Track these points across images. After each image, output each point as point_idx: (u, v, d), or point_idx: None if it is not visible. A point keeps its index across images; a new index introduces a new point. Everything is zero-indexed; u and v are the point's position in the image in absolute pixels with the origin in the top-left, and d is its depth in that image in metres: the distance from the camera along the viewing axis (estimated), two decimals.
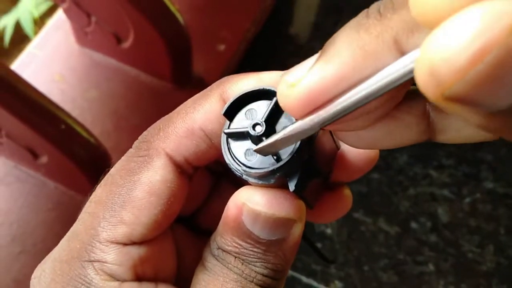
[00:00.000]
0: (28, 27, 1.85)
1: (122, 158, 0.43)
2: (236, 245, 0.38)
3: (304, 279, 1.46)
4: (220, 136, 0.39)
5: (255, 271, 0.38)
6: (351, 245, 1.51)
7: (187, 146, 0.41)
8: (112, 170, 0.42)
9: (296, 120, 0.32)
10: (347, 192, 0.49)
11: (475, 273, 1.49)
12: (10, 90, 1.07)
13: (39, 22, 1.92)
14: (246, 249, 0.38)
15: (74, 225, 0.42)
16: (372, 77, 0.28)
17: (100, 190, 0.42)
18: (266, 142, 0.35)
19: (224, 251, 0.39)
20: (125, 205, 0.40)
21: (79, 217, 0.42)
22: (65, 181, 1.34)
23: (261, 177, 0.37)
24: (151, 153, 0.41)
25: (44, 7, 1.89)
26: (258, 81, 0.40)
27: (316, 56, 0.30)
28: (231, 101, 0.38)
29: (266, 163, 0.37)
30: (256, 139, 0.36)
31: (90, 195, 0.43)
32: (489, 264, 1.50)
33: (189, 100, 0.43)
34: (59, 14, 1.61)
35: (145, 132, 0.43)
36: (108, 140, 1.38)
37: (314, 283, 1.46)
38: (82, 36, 1.51)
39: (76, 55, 1.55)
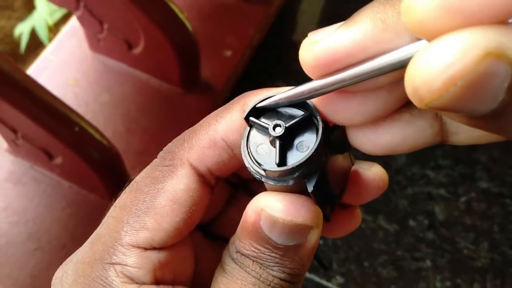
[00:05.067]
0: (43, 34, 1.85)
1: (147, 167, 0.42)
2: (254, 249, 0.38)
3: (307, 274, 1.46)
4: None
5: (273, 275, 0.38)
6: (352, 242, 1.51)
7: (210, 157, 0.41)
8: (137, 178, 0.42)
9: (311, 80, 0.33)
10: (358, 211, 0.49)
11: (470, 269, 1.48)
12: (26, 94, 1.07)
13: (54, 29, 1.92)
14: (264, 253, 0.37)
15: (98, 228, 0.42)
16: (387, 53, 0.29)
17: (125, 196, 0.41)
18: (282, 95, 0.36)
19: (242, 254, 0.38)
20: (148, 212, 0.39)
21: (103, 220, 0.42)
22: (78, 181, 1.33)
23: (280, 176, 0.36)
24: (176, 163, 0.41)
25: (58, 14, 1.89)
26: None
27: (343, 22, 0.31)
28: (252, 106, 0.37)
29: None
30: (273, 140, 0.36)
31: (114, 200, 0.42)
32: (483, 260, 1.49)
33: (212, 113, 0.42)
34: (73, 21, 1.61)
35: (170, 144, 0.43)
36: (120, 141, 1.38)
37: (316, 279, 1.46)
38: (95, 42, 1.51)
39: (89, 60, 1.55)
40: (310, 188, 0.36)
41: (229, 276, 0.38)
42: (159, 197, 0.40)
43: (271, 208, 0.37)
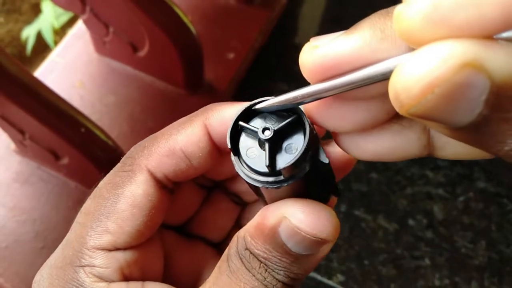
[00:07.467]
0: (48, 37, 1.85)
1: (110, 172, 0.44)
2: (265, 250, 0.37)
3: None
4: (200, 158, 0.41)
5: (277, 279, 0.37)
6: (352, 241, 1.51)
7: (167, 165, 0.42)
8: (100, 184, 0.43)
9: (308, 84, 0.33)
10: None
11: (468, 267, 1.48)
12: (33, 96, 1.07)
13: (61, 32, 1.92)
14: (275, 257, 0.37)
15: (68, 234, 0.44)
16: (382, 61, 0.29)
17: (89, 202, 0.43)
18: (277, 99, 0.36)
19: (251, 253, 0.38)
20: (110, 216, 0.41)
21: (72, 226, 0.44)
22: (84, 180, 1.33)
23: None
24: (135, 169, 0.42)
25: (64, 18, 1.90)
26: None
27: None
28: (233, 123, 0.37)
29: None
30: (262, 143, 0.36)
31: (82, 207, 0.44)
32: (481, 259, 1.49)
33: (175, 123, 0.44)
34: (79, 24, 1.61)
35: (131, 149, 0.44)
36: (125, 142, 1.38)
37: (318, 277, 1.46)
38: (100, 45, 1.51)
39: (95, 63, 1.55)
40: (326, 160, 0.36)
41: (232, 276, 0.38)
42: (119, 202, 0.41)
43: (295, 218, 0.36)
